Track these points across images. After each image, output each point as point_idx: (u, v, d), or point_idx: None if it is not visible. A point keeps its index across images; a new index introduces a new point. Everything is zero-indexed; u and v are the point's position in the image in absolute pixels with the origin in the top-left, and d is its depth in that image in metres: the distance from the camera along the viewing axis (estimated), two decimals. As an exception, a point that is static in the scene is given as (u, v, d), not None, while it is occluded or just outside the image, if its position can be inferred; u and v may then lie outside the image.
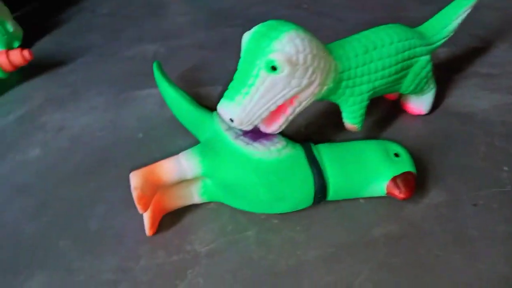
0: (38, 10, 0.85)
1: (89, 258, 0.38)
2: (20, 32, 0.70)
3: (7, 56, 0.58)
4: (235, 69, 0.37)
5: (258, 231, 0.39)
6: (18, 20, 0.71)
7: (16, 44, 0.68)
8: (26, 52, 0.59)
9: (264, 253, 0.37)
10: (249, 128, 0.37)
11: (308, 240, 0.38)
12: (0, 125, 0.55)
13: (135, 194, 0.35)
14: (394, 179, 0.39)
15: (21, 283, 0.36)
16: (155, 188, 0.36)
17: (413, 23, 0.47)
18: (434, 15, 0.49)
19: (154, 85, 0.57)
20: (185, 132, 0.50)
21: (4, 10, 0.67)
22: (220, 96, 0.37)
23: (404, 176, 0.39)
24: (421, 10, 0.74)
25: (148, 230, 0.38)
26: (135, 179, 0.35)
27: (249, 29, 0.36)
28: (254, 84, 0.35)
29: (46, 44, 0.73)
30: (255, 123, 0.36)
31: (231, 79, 0.36)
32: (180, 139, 0.50)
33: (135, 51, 0.69)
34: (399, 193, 0.38)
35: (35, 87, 0.61)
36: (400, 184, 0.39)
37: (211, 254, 0.37)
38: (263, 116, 0.36)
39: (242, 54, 0.37)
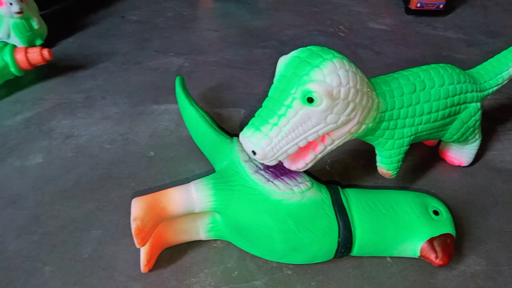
0: (67, 9, 0.83)
1: (74, 291, 0.33)
2: (44, 30, 0.68)
3: (26, 53, 0.55)
4: (263, 93, 0.32)
5: (267, 282, 0.34)
6: (46, 18, 0.69)
7: (39, 42, 0.66)
8: (45, 52, 0.56)
9: (272, 311, 0.32)
10: (273, 163, 0.32)
11: (324, 300, 0.33)
12: (5, 125, 0.51)
13: (134, 226, 0.30)
14: (431, 241, 0.34)
15: (-7, 310, 0.32)
16: (158, 220, 0.32)
17: (458, 64, 0.43)
18: (481, 58, 0.44)
19: (173, 100, 0.54)
20: (200, 155, 0.45)
21: (32, 7, 0.65)
22: (244, 123, 0.32)
23: (443, 239, 0.34)
24: (466, 52, 0.70)
25: (143, 267, 0.33)
26: (137, 208, 0.31)
27: (281, 52, 0.32)
28: (285, 115, 0.30)
29: (70, 45, 0.71)
30: (280, 158, 0.32)
31: (257, 104, 0.32)
32: (194, 163, 0.45)
33: (159, 63, 0.65)
34: (435, 258, 0.33)
35: (49, 90, 0.58)
36: (438, 248, 0.33)
37: (211, 304, 0.32)
38: (290, 152, 0.32)
39: (275, 79, 0.32)
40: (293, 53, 0.32)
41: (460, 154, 0.45)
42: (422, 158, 0.47)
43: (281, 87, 0.31)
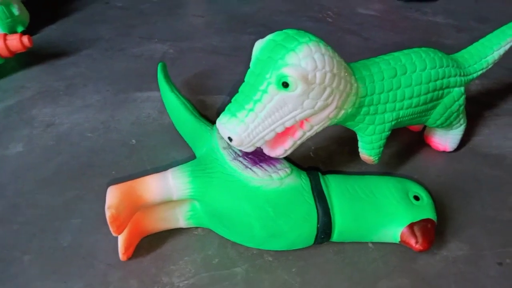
0: (51, -4, 0.81)
1: (53, 279, 0.33)
2: (26, 17, 0.66)
3: (4, 40, 0.54)
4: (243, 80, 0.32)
5: (248, 268, 0.34)
6: (28, 4, 0.67)
7: (20, 29, 0.65)
8: (25, 38, 0.55)
9: (252, 297, 0.32)
10: (250, 150, 0.32)
11: (303, 286, 0.33)
12: (-14, 113, 0.51)
13: (108, 214, 0.30)
14: (411, 226, 0.33)
15: (-30, 299, 0.32)
16: (133, 208, 0.31)
17: (447, 50, 0.42)
18: (471, 43, 0.43)
19: (157, 87, 0.53)
20: (182, 143, 0.45)
21: (13, -8, 0.64)
22: (222, 109, 0.32)
23: (423, 224, 0.34)
24: (456, 37, 0.69)
25: (121, 255, 0.33)
26: (111, 196, 0.30)
27: None
28: (261, 101, 0.30)
29: (53, 32, 0.69)
30: (257, 145, 0.31)
31: (237, 91, 0.32)
32: (175, 150, 0.45)
33: (143, 49, 0.64)
34: (415, 244, 0.33)
35: (30, 77, 0.57)
36: (418, 233, 0.33)
37: (191, 291, 0.32)
38: (267, 138, 0.31)
39: (251, 63, 0.32)
40: (269, 37, 0.31)
41: (445, 140, 0.45)
42: (407, 143, 0.47)
43: (256, 72, 0.31)
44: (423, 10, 0.80)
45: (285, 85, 0.29)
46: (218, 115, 0.33)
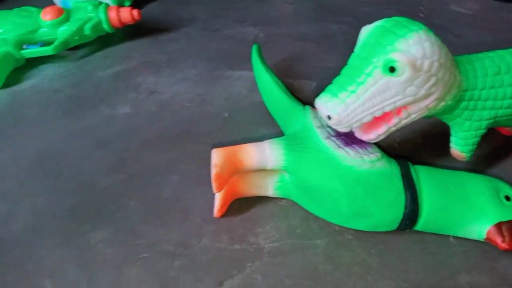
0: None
1: (154, 225, 0.37)
2: (132, -7, 0.73)
3: (118, 12, 0.60)
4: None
5: (328, 243, 0.36)
6: (133, -18, 0.73)
7: (127, 3, 0.71)
8: (135, 12, 0.60)
9: (331, 269, 0.34)
10: (346, 130, 0.33)
11: (381, 268, 0.34)
12: (98, 76, 0.57)
13: (214, 171, 0.33)
14: (499, 225, 0.33)
15: (84, 233, 0.37)
16: (234, 170, 0.34)
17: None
18: None
19: (248, 68, 0.56)
20: (271, 121, 0.48)
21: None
22: (316, 94, 0.34)
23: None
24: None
25: (216, 211, 0.36)
26: (217, 156, 0.34)
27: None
28: (364, 83, 0.31)
29: (154, 9, 0.75)
30: (354, 126, 0.33)
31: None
32: (264, 127, 0.48)
33: (235, 32, 0.68)
34: (501, 242, 0.33)
35: (135, 48, 0.63)
36: (506, 233, 0.33)
37: (275, 253, 0.35)
38: (365, 120, 0.33)
39: (356, 48, 0.33)
40: (377, 23, 0.32)
41: (540, 146, 0.44)
42: (497, 145, 0.46)
43: (362, 55, 0.32)
44: (521, 12, 0.75)
45: (392, 70, 0.30)
46: (311, 99, 0.34)
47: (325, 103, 0.33)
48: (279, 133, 0.46)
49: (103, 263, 0.34)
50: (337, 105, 0.32)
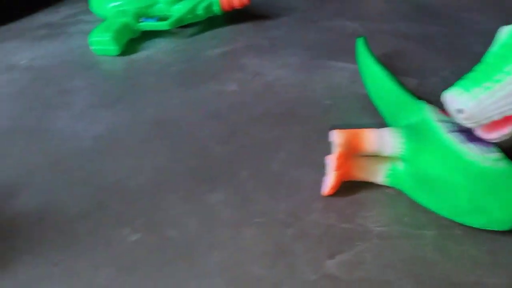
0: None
1: (266, 195, 0.39)
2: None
3: (228, -5, 0.63)
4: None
5: (437, 235, 0.36)
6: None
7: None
8: (245, -3, 0.64)
9: (440, 259, 0.34)
10: (474, 126, 0.34)
11: (492, 265, 0.34)
12: (206, 55, 0.60)
13: (337, 151, 0.35)
14: None
15: (203, 192, 0.40)
16: (353, 151, 0.36)
17: None
18: None
19: (348, 60, 0.57)
20: (373, 112, 0.48)
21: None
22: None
23: None
24: None
25: (327, 189, 0.38)
26: (340, 137, 0.35)
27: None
28: (502, 82, 0.31)
29: (257, -3, 0.79)
30: (483, 122, 0.33)
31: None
32: (367, 117, 0.49)
33: (334, 24, 0.69)
34: None
35: (240, 32, 0.66)
36: None
37: (384, 237, 0.36)
38: (495, 118, 0.33)
39: (496, 46, 0.33)
40: (521, 24, 0.32)
41: None
42: None
43: (502, 55, 0.32)
44: None
45: (536, 70, 0.30)
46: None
47: (456, 96, 0.33)
48: (382, 124, 0.47)
49: (221, 221, 0.37)
50: (469, 100, 0.32)
